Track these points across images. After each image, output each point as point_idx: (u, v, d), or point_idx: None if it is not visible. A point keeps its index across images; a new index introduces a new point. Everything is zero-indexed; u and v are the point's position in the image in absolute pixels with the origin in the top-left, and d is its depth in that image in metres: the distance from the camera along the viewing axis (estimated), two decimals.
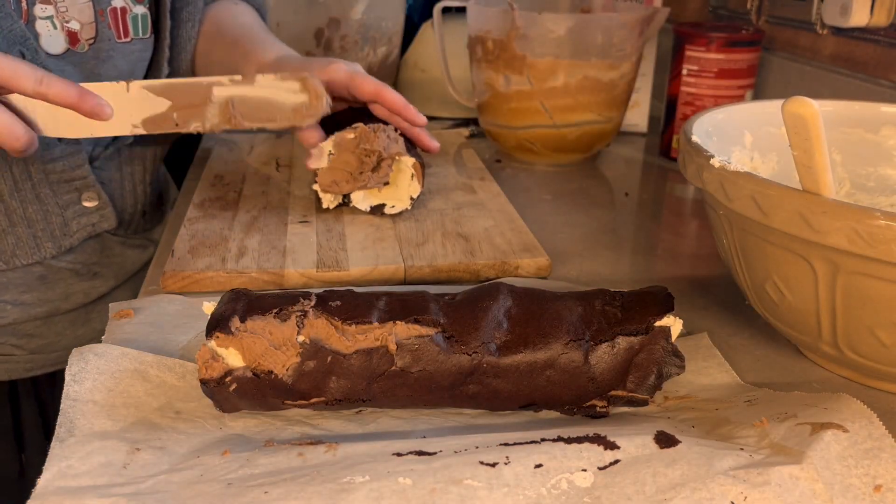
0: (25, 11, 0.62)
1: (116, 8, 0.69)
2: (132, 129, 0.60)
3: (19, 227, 0.69)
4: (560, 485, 0.36)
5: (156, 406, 0.43)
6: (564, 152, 0.89)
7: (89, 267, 0.75)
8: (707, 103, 0.87)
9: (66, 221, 0.71)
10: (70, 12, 0.65)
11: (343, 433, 0.42)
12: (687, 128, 0.53)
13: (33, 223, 0.69)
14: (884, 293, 0.41)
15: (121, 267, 0.79)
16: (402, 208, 0.67)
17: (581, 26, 0.80)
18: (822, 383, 0.49)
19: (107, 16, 0.68)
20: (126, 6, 0.69)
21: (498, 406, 0.43)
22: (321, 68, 0.67)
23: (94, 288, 0.76)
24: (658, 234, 0.74)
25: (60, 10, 0.64)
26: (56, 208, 0.70)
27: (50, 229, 0.70)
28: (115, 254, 0.78)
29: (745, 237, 0.47)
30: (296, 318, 0.41)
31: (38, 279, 0.72)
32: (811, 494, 0.36)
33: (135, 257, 0.80)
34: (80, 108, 0.55)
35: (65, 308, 0.75)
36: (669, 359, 0.42)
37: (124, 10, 0.69)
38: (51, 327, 0.75)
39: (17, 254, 0.70)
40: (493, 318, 0.42)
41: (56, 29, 0.65)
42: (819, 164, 0.42)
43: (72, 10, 0.65)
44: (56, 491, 0.36)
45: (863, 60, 0.80)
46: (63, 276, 0.74)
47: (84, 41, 0.67)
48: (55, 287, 0.73)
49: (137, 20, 0.71)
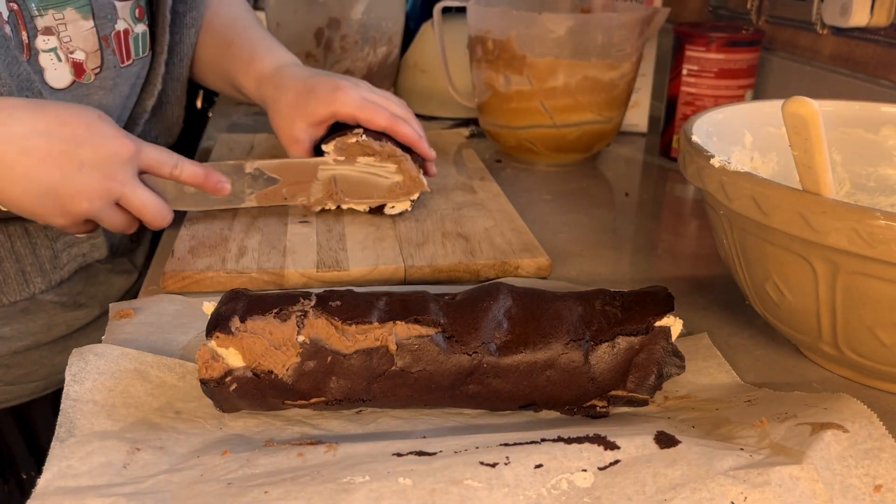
0: (27, 45, 0.59)
1: (120, 31, 0.66)
2: (246, 202, 0.65)
3: (6, 263, 0.65)
4: (560, 485, 0.36)
5: (156, 406, 0.43)
6: (564, 152, 0.89)
7: (74, 298, 0.72)
8: (707, 103, 0.87)
9: (55, 254, 0.68)
10: (74, 42, 0.62)
11: (343, 433, 0.42)
12: (687, 128, 0.53)
13: (21, 258, 0.66)
14: (884, 293, 0.41)
15: (106, 296, 0.76)
16: (403, 209, 0.67)
17: (581, 26, 0.80)
18: (822, 383, 0.49)
19: (111, 41, 0.65)
20: (129, 27, 0.67)
21: (498, 406, 0.43)
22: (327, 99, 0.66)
23: (77, 319, 0.73)
24: (658, 234, 0.74)
25: (63, 41, 0.61)
26: (45, 240, 0.67)
27: (39, 263, 0.67)
28: (101, 282, 0.75)
29: (745, 237, 0.47)
30: (296, 318, 0.41)
31: (20, 311, 0.68)
32: (811, 494, 0.36)
33: (120, 284, 0.77)
34: (204, 187, 0.61)
35: (45, 340, 0.71)
36: (669, 359, 0.42)
37: (127, 33, 0.66)
38: (28, 358, 0.71)
39: (4, 291, 0.66)
40: (493, 318, 0.42)
41: (60, 61, 0.62)
42: (819, 164, 0.42)
43: (75, 39, 0.62)
44: (56, 491, 0.36)
45: (863, 60, 0.80)
46: (46, 308, 0.70)
47: (90, 71, 0.64)
48: (37, 319, 0.70)
49: (138, 40, 0.68)
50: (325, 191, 0.66)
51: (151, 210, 0.57)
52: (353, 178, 0.65)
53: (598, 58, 0.81)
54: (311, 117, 0.67)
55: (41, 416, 0.76)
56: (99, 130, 0.54)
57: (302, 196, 0.66)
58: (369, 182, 0.66)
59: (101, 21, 0.63)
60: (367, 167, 0.65)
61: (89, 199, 0.54)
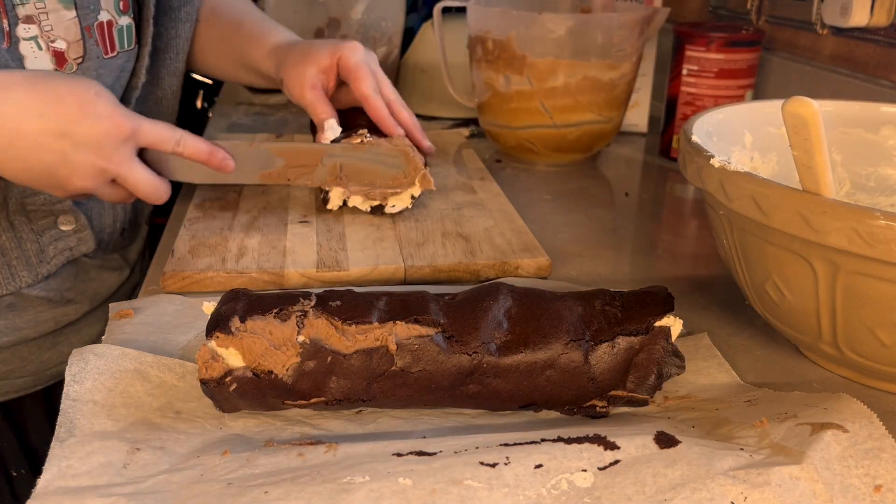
0: (7, 33, 0.59)
1: (103, 22, 0.66)
2: (250, 180, 0.65)
3: None
4: (560, 485, 0.36)
5: (156, 406, 0.43)
6: (564, 152, 0.89)
7: (63, 293, 0.72)
8: (707, 103, 0.87)
9: (41, 248, 0.67)
10: (55, 31, 0.62)
11: (343, 433, 0.42)
12: (687, 128, 0.53)
13: (7, 251, 0.66)
14: (884, 293, 0.41)
15: (95, 292, 0.75)
16: (403, 207, 0.67)
17: (581, 26, 0.80)
18: (822, 383, 0.49)
19: (94, 32, 0.65)
20: (112, 19, 0.67)
21: (498, 406, 0.43)
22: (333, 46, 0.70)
23: (66, 315, 0.73)
24: (658, 234, 0.74)
25: (45, 30, 0.61)
26: (31, 234, 0.67)
27: (25, 257, 0.67)
28: (91, 278, 0.74)
29: (745, 237, 0.47)
30: (296, 318, 0.41)
31: (6, 307, 0.68)
32: (811, 495, 0.36)
33: (111, 280, 0.77)
34: (209, 163, 0.60)
35: (32, 336, 0.71)
36: (669, 359, 0.42)
37: (111, 24, 0.67)
38: (16, 353, 0.71)
39: None
40: (493, 318, 0.42)
41: (42, 50, 0.62)
42: (819, 164, 0.42)
43: (57, 28, 0.62)
44: (56, 491, 0.36)
45: (863, 60, 0.80)
46: (33, 304, 0.70)
47: (72, 61, 0.64)
48: (24, 315, 0.69)
49: (123, 32, 0.68)
50: (330, 175, 0.66)
51: (146, 189, 0.57)
52: (358, 166, 0.65)
53: (598, 58, 0.81)
54: (321, 61, 0.70)
55: (31, 413, 0.76)
56: (93, 110, 0.54)
57: (306, 179, 0.66)
58: (374, 170, 0.66)
59: (83, 11, 0.64)
60: (374, 155, 0.65)
61: (84, 178, 0.55)
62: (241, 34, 0.77)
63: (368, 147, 0.66)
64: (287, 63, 0.72)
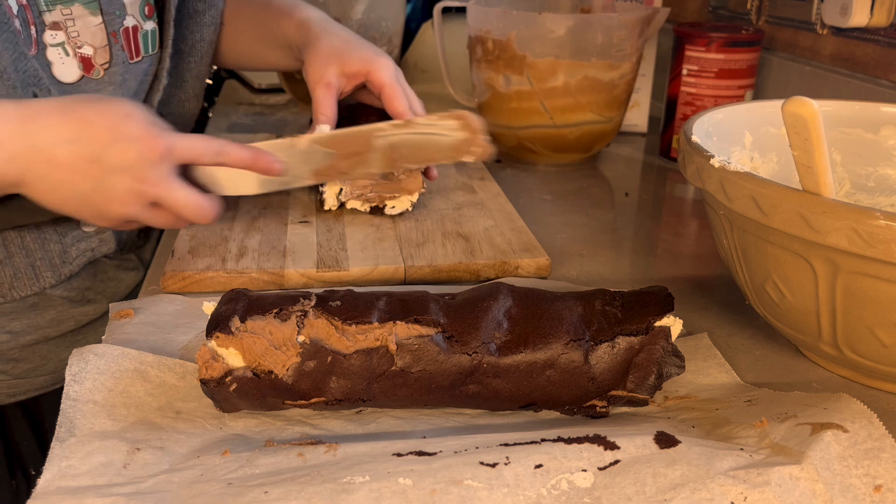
0: (35, 39, 0.59)
1: (129, 28, 0.65)
2: (304, 180, 0.62)
3: (17, 258, 0.65)
4: (560, 485, 0.36)
5: (156, 406, 0.43)
6: (564, 152, 0.89)
7: (83, 293, 0.72)
8: (707, 103, 0.87)
9: (65, 248, 0.68)
10: (82, 37, 0.62)
11: (343, 433, 0.42)
12: (687, 128, 0.53)
13: (31, 252, 0.66)
14: (884, 293, 0.41)
15: (114, 292, 0.75)
16: (403, 209, 0.67)
17: (581, 26, 0.80)
18: (822, 383, 0.49)
19: (119, 37, 0.65)
20: (137, 24, 0.66)
21: (498, 406, 0.43)
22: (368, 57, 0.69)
23: (86, 314, 0.73)
24: (658, 234, 0.74)
25: (72, 36, 0.61)
26: (54, 235, 0.67)
27: (49, 258, 0.67)
28: (109, 277, 0.75)
29: (745, 237, 0.47)
30: (296, 318, 0.41)
31: (29, 307, 0.69)
32: (811, 495, 0.36)
33: (128, 280, 0.77)
34: (255, 168, 0.57)
35: (54, 335, 0.71)
36: (669, 359, 0.42)
37: (136, 29, 0.66)
38: (36, 352, 0.71)
39: (14, 286, 0.66)
40: (493, 318, 0.42)
41: (69, 56, 0.61)
42: (819, 164, 0.42)
43: (83, 34, 0.62)
44: (56, 491, 0.36)
45: (863, 60, 0.80)
46: (55, 304, 0.70)
47: (98, 66, 0.63)
48: (46, 314, 0.70)
49: (147, 37, 0.68)
50: (385, 158, 0.61)
51: (189, 208, 0.54)
52: (412, 142, 0.61)
53: (598, 58, 0.82)
54: (348, 66, 0.70)
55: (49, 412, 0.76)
56: (125, 132, 0.52)
57: (361, 168, 0.62)
58: (430, 143, 0.62)
59: (109, 17, 0.64)
60: (427, 128, 0.61)
61: (123, 203, 0.53)
62: (269, 12, 0.78)
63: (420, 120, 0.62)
64: (315, 49, 0.72)
